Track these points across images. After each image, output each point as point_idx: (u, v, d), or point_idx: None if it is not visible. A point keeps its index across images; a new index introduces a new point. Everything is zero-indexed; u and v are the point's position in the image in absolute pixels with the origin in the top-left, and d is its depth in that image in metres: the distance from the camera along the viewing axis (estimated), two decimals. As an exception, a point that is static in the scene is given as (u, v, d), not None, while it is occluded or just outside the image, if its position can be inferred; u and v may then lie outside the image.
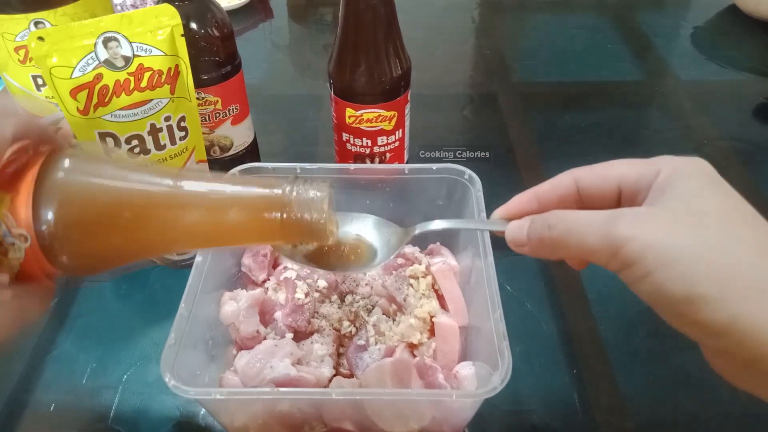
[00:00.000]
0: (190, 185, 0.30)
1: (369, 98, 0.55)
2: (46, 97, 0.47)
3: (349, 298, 0.48)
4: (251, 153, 0.64)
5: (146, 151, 0.48)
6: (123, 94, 0.45)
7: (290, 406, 0.40)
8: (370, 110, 0.56)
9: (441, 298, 0.47)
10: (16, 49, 0.47)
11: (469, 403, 0.38)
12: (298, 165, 0.49)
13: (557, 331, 0.52)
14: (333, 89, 0.57)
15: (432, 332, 0.45)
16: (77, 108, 0.44)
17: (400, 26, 0.54)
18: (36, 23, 0.46)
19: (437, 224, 0.37)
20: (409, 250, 0.51)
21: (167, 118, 0.48)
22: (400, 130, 0.59)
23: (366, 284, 0.48)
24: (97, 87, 0.44)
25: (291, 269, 0.48)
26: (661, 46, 0.94)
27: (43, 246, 0.27)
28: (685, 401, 0.47)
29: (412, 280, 0.47)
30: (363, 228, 0.39)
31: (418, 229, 0.38)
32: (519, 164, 0.71)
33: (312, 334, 0.45)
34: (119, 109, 0.45)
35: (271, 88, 0.85)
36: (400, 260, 0.49)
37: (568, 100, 0.84)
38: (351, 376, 0.44)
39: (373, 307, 0.47)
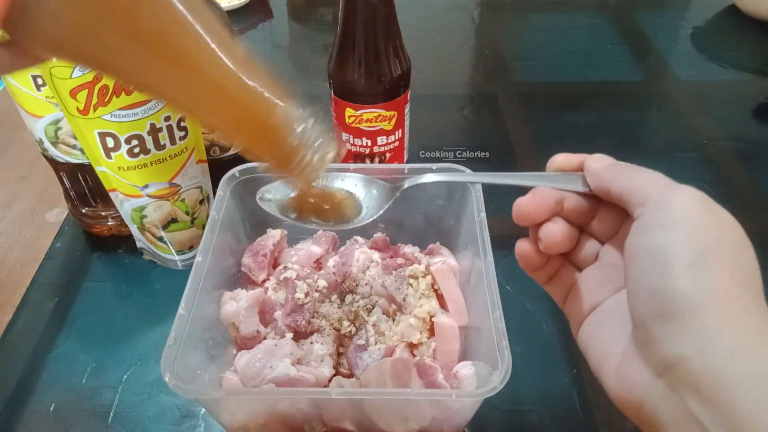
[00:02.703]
0: (229, 43, 0.26)
1: (369, 98, 0.55)
2: (46, 97, 0.47)
3: (349, 298, 0.48)
4: (251, 153, 0.64)
5: (146, 151, 0.48)
6: (123, 93, 0.45)
7: (290, 406, 0.40)
8: (369, 110, 0.56)
9: (441, 298, 0.47)
10: (16, 49, 0.47)
11: (468, 402, 0.38)
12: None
13: (557, 331, 0.52)
14: (333, 89, 0.57)
15: (432, 332, 0.45)
16: (77, 108, 0.44)
17: (400, 26, 0.54)
18: (36, 23, 0.46)
19: (428, 177, 0.37)
20: (409, 249, 0.51)
21: (167, 118, 0.48)
22: (400, 130, 0.59)
23: (366, 284, 0.48)
24: (97, 87, 0.44)
25: (291, 269, 0.48)
26: (661, 46, 0.94)
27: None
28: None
29: (411, 280, 0.47)
30: (351, 184, 0.40)
31: (407, 184, 0.38)
32: (519, 164, 0.71)
33: (312, 334, 0.45)
34: (119, 109, 0.45)
35: (271, 88, 0.85)
36: (399, 260, 0.49)
37: (567, 100, 0.84)
38: (351, 376, 0.44)
39: (373, 306, 0.47)
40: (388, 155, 0.60)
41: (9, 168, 0.70)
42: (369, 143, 0.58)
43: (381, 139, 0.58)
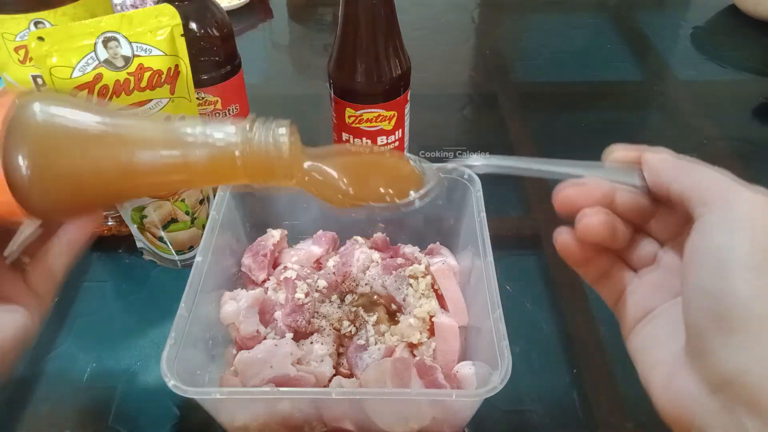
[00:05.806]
0: (147, 124, 0.31)
1: (369, 98, 0.55)
2: (46, 97, 0.47)
3: (349, 298, 0.48)
4: (251, 153, 0.64)
5: (146, 151, 0.48)
6: (123, 94, 0.45)
7: (290, 406, 0.40)
8: (369, 110, 0.56)
9: (441, 298, 0.47)
10: (16, 49, 0.47)
11: (468, 403, 0.38)
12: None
13: (557, 331, 0.52)
14: (333, 89, 0.57)
15: (432, 332, 0.45)
16: (77, 108, 0.44)
17: (400, 26, 0.54)
18: (36, 23, 0.46)
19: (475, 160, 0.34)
20: (409, 249, 0.51)
21: (167, 118, 0.48)
22: (400, 130, 0.59)
23: (366, 284, 0.48)
24: (97, 87, 0.44)
25: (291, 269, 0.48)
26: (661, 46, 0.94)
27: (19, 194, 0.27)
28: (685, 401, 0.47)
29: (411, 280, 0.47)
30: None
31: (454, 164, 0.35)
32: (519, 164, 0.71)
33: (312, 334, 0.45)
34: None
35: (271, 88, 0.85)
36: (399, 260, 0.49)
37: (567, 100, 0.84)
38: (351, 375, 0.44)
39: (373, 307, 0.47)
40: (388, 155, 0.60)
41: (9, 168, 0.70)
42: (369, 143, 0.58)
43: (381, 139, 0.58)
